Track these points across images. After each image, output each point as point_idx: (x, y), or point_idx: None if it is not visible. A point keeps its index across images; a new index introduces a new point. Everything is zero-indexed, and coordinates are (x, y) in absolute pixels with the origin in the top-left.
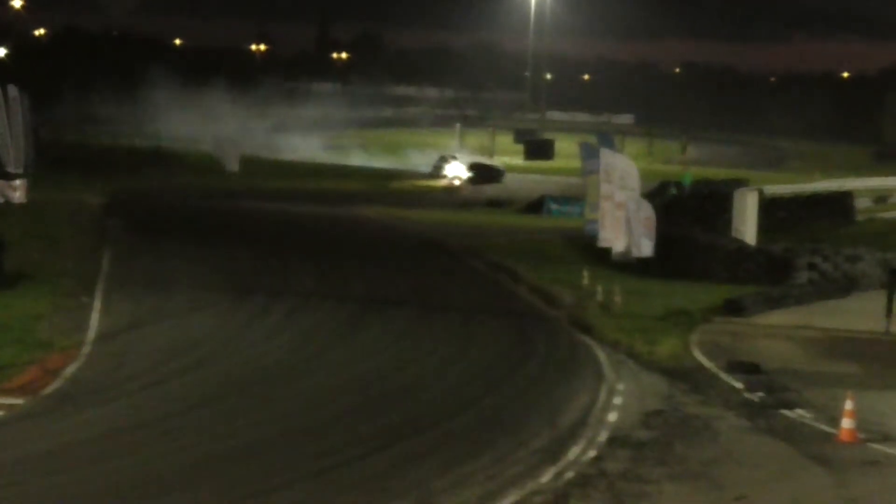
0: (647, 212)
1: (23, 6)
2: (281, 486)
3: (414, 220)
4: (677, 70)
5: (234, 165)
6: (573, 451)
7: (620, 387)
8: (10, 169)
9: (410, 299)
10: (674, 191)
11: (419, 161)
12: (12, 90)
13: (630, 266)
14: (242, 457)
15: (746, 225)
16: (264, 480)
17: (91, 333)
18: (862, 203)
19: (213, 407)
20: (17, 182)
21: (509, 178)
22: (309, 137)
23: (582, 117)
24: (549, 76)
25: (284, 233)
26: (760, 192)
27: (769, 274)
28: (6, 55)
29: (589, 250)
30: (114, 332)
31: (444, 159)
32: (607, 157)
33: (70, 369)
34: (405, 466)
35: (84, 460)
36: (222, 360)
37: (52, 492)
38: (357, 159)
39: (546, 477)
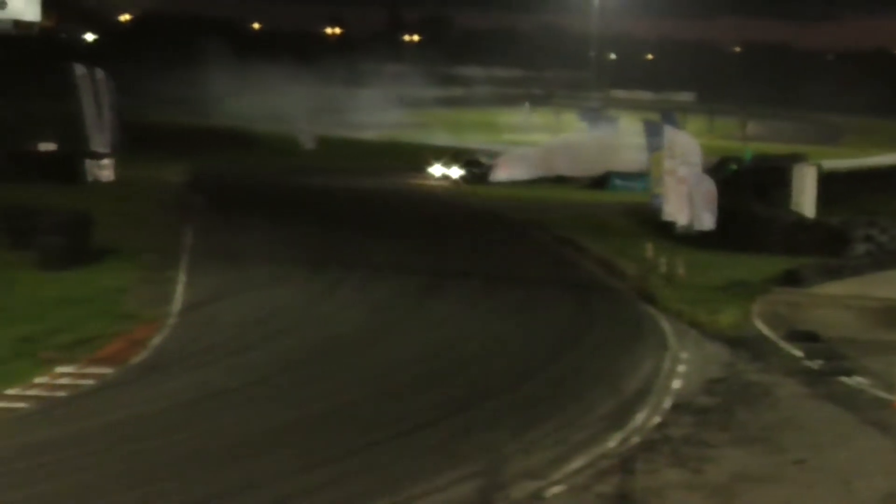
0: (708, 186)
1: None
2: (359, 450)
3: (481, 195)
4: (737, 49)
5: (309, 144)
6: (638, 417)
7: (684, 355)
8: (98, 149)
9: (478, 271)
10: (734, 166)
11: (486, 139)
12: (98, 73)
13: (692, 239)
14: (321, 422)
15: (805, 199)
16: (343, 444)
17: (176, 305)
18: None
19: (292, 375)
20: (105, 161)
21: None
22: (381, 116)
23: (644, 95)
24: (612, 56)
25: (357, 208)
26: (818, 167)
27: (827, 246)
28: (93, 39)
29: (652, 224)
30: (197, 304)
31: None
32: (670, 133)
33: (156, 340)
34: (476, 432)
35: (171, 426)
36: (300, 330)
37: (141, 456)
38: (428, 137)
39: (612, 442)
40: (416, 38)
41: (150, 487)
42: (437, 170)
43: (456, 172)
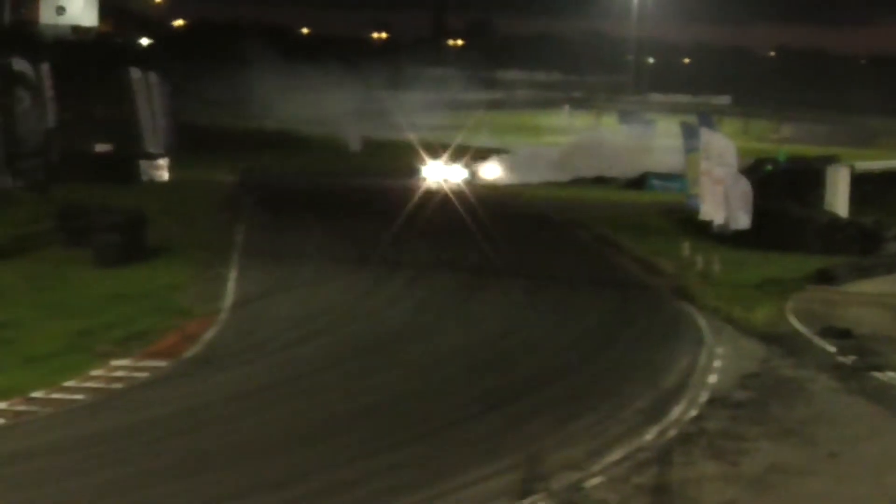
0: (743, 187)
1: (164, 1)
2: (406, 442)
3: (524, 195)
4: (771, 53)
5: (356, 145)
6: (675, 411)
7: (719, 350)
8: (153, 150)
9: (520, 269)
10: (769, 167)
11: (528, 140)
12: (153, 77)
13: (727, 238)
14: (370, 414)
15: (838, 199)
16: (391, 436)
17: (227, 301)
18: None
19: (340, 368)
20: (159, 162)
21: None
22: (425, 119)
23: (681, 99)
24: (650, 60)
25: (403, 208)
26: (851, 168)
27: (860, 245)
28: (148, 44)
29: (688, 223)
30: (248, 300)
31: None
32: (707, 135)
33: (208, 334)
34: (517, 425)
35: (224, 418)
36: (347, 326)
37: (195, 446)
38: (470, 139)
39: (650, 435)
40: (459, 42)
41: (204, 476)
42: (434, 170)
43: (459, 174)
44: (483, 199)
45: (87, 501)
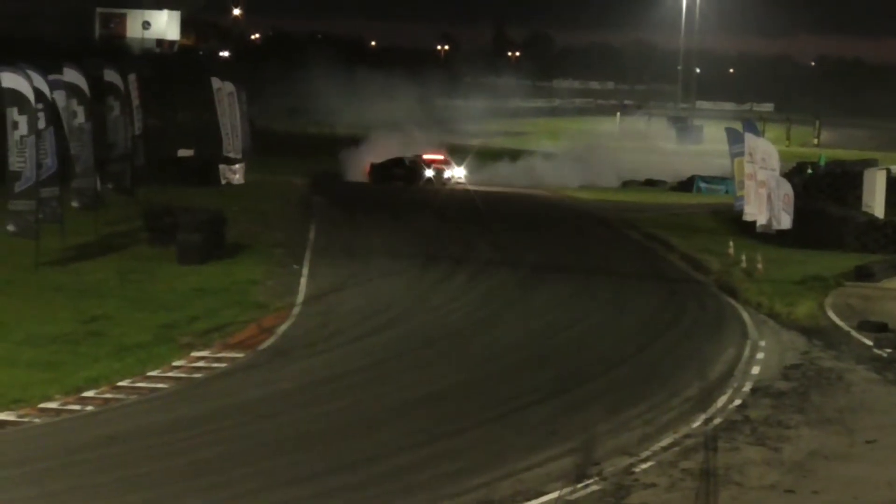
0: (786, 189)
1: (241, 14)
2: (468, 428)
3: (579, 198)
4: (812, 63)
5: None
6: (721, 400)
7: (762, 343)
8: (231, 155)
9: (576, 266)
10: (810, 171)
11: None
12: (231, 86)
13: (771, 237)
14: (434, 402)
15: (876, 200)
16: (453, 422)
17: (300, 296)
18: None
19: (407, 359)
20: (237, 166)
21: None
22: (485, 125)
23: (727, 106)
24: (697, 70)
25: (464, 209)
26: (888, 171)
27: None
28: (227, 56)
29: (734, 224)
30: (319, 295)
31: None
32: (751, 140)
33: (282, 327)
34: (572, 412)
35: (298, 404)
36: (413, 319)
37: (271, 432)
38: (529, 144)
39: (697, 422)
40: (517, 54)
41: (280, 459)
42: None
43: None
44: (541, 202)
45: (171, 482)
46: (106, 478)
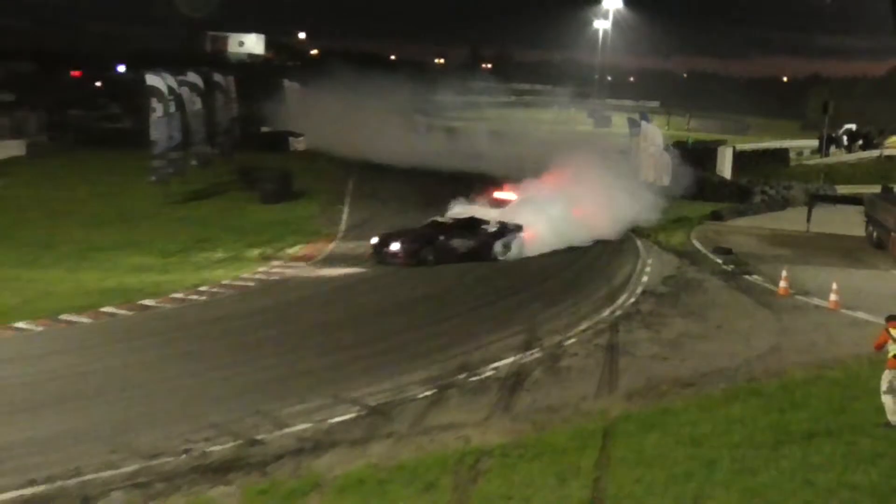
0: (666, 159)
1: (305, 38)
2: (451, 317)
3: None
4: (685, 75)
5: (422, 131)
6: (621, 298)
7: (649, 261)
8: (295, 130)
9: None
10: (688, 146)
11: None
12: (296, 85)
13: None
14: (431, 299)
15: (725, 167)
16: (441, 313)
17: (342, 225)
18: (792, 154)
19: (415, 270)
20: (301, 138)
21: None
22: (462, 112)
23: (627, 102)
24: (608, 78)
25: (459, 173)
26: (734, 148)
27: (738, 196)
28: (295, 65)
29: None
30: (355, 225)
31: None
32: (644, 126)
33: (330, 247)
34: (520, 307)
35: (340, 298)
36: None
37: (322, 316)
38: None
39: (605, 313)
40: (489, 65)
41: (326, 335)
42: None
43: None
44: None
45: (257, 346)
46: (216, 343)
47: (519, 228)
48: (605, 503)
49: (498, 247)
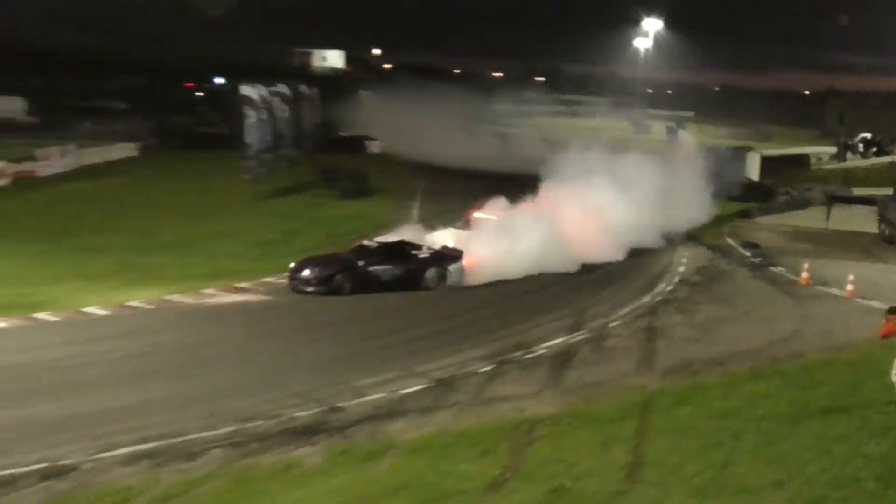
0: (700, 163)
1: (380, 53)
2: (511, 302)
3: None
4: (717, 88)
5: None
6: (659, 287)
7: (686, 254)
8: (370, 135)
9: None
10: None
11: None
12: (372, 95)
13: None
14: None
15: (753, 170)
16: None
17: (413, 221)
18: (812, 160)
19: None
20: (375, 142)
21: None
22: (517, 120)
23: (664, 112)
24: (649, 90)
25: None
26: (760, 154)
27: (764, 196)
28: (369, 78)
29: None
30: (424, 219)
31: None
32: (680, 133)
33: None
34: (571, 294)
35: None
36: None
37: (373, 306)
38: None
39: (645, 299)
40: (542, 78)
41: (375, 322)
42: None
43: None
44: None
45: (323, 326)
46: (297, 320)
47: (459, 254)
48: (644, 467)
49: (430, 274)
